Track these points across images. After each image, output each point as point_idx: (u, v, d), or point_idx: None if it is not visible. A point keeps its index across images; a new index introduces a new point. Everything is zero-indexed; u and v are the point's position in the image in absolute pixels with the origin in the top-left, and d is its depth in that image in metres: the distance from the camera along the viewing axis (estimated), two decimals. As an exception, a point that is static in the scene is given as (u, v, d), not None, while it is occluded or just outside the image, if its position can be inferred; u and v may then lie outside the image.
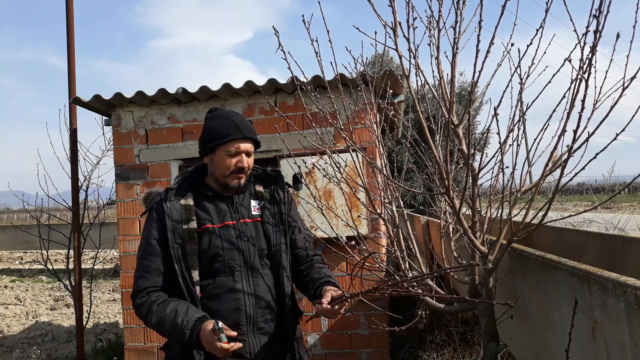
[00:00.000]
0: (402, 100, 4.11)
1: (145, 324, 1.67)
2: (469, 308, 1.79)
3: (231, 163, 1.70)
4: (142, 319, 1.68)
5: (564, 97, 1.36)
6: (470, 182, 1.52)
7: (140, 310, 1.68)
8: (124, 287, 4.10)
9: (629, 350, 0.98)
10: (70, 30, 4.69)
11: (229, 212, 1.75)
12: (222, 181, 1.73)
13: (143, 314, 1.66)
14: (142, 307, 1.67)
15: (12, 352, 5.45)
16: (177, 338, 1.59)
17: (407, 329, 2.20)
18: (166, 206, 1.69)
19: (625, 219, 6.35)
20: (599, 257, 2.30)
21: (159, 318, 1.61)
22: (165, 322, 1.59)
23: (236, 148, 1.70)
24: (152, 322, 1.63)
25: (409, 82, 1.52)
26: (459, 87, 11.44)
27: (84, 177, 5.02)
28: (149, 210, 1.75)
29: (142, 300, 1.68)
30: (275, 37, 1.76)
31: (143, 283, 1.69)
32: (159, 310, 1.62)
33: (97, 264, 6.02)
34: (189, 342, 1.55)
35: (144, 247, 1.73)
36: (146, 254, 1.71)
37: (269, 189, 1.85)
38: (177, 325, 1.56)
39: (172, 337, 1.64)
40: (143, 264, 1.71)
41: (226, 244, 1.70)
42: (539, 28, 1.39)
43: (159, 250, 1.69)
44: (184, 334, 1.55)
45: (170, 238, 1.66)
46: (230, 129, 1.70)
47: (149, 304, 1.66)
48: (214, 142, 1.70)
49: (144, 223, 1.76)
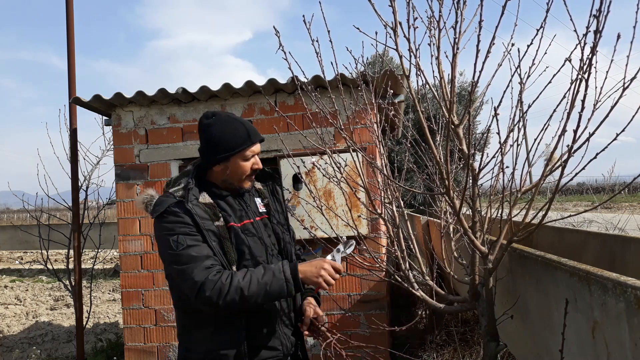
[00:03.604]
0: (402, 100, 4.11)
1: (229, 294, 1.51)
2: (469, 308, 1.79)
3: (247, 167, 1.72)
4: (224, 294, 1.51)
5: (564, 97, 1.36)
6: (470, 182, 1.52)
7: (219, 283, 1.52)
8: (124, 287, 4.10)
9: (629, 350, 0.98)
10: (70, 30, 4.70)
11: (245, 210, 1.78)
12: (238, 185, 1.75)
13: (225, 283, 1.52)
14: (220, 278, 1.53)
15: (12, 352, 5.45)
16: (276, 285, 1.54)
17: (407, 329, 2.20)
18: (189, 206, 1.61)
19: (625, 219, 6.36)
20: (599, 257, 2.30)
21: (246, 276, 1.54)
22: (258, 276, 1.54)
23: (252, 152, 1.72)
24: (239, 282, 1.52)
25: (409, 82, 1.52)
26: (459, 87, 11.44)
27: (84, 177, 5.03)
28: (165, 211, 1.62)
29: (217, 276, 1.53)
30: (276, 37, 1.75)
31: (208, 261, 1.56)
32: (243, 272, 1.56)
33: (97, 264, 6.01)
34: (292, 272, 1.56)
35: (184, 238, 1.57)
36: (193, 242, 1.57)
37: (267, 187, 1.92)
38: (273, 270, 1.56)
39: (269, 288, 1.54)
40: (194, 249, 1.56)
41: (250, 242, 1.72)
42: (539, 28, 1.39)
43: (202, 240, 1.60)
44: (284, 271, 1.56)
45: (207, 235, 1.60)
46: (244, 135, 1.70)
47: (227, 273, 1.55)
48: (230, 151, 1.69)
49: (163, 224, 1.62)
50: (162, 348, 4.04)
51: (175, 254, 1.56)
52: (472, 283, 1.70)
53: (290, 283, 1.55)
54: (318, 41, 1.75)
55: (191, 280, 1.52)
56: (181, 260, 1.55)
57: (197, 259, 1.54)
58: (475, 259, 1.69)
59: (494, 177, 1.74)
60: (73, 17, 4.73)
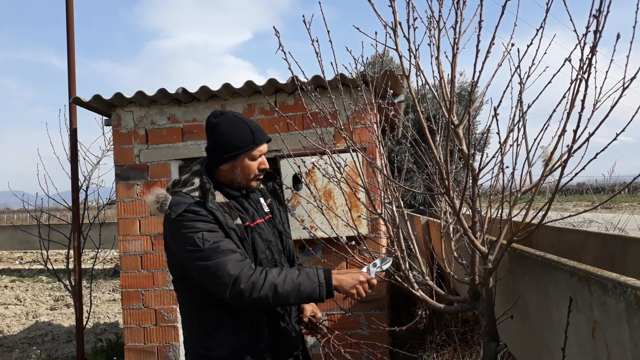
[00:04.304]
0: (402, 100, 4.11)
1: (263, 289, 1.51)
2: (469, 308, 1.79)
3: (255, 167, 1.74)
4: (259, 288, 1.51)
5: (564, 97, 1.36)
6: (470, 182, 1.52)
7: (255, 277, 1.51)
8: (124, 287, 4.09)
9: (629, 350, 0.98)
10: (70, 30, 4.70)
11: (255, 210, 1.79)
12: (245, 184, 1.76)
13: (260, 278, 1.52)
14: (254, 273, 1.52)
15: (12, 352, 5.45)
16: (309, 287, 1.55)
17: (407, 329, 2.20)
18: (211, 206, 1.60)
19: (625, 219, 6.36)
20: (599, 257, 2.31)
21: (282, 274, 1.55)
22: (292, 276, 1.55)
23: (259, 151, 1.74)
24: (274, 279, 1.52)
25: (409, 82, 1.51)
26: (459, 87, 11.44)
27: (84, 177, 5.03)
28: (186, 210, 1.59)
29: (252, 271, 1.53)
30: (276, 37, 1.75)
31: (239, 256, 1.56)
32: (278, 270, 1.57)
33: (97, 264, 6.02)
34: (326, 277, 1.57)
35: (209, 234, 1.56)
36: (219, 238, 1.57)
37: (267, 187, 1.95)
38: (307, 272, 1.57)
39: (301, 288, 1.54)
40: (223, 244, 1.55)
41: (263, 240, 1.74)
42: (539, 28, 1.39)
43: (226, 236, 1.59)
44: (318, 275, 1.56)
45: (230, 233, 1.60)
46: (251, 135, 1.71)
47: (261, 269, 1.55)
48: (238, 150, 1.69)
49: (184, 223, 1.58)
50: (162, 348, 4.04)
51: (202, 249, 1.54)
52: (472, 283, 1.70)
53: (323, 287, 1.56)
54: (318, 41, 1.75)
55: (226, 273, 1.50)
56: (210, 256, 1.53)
57: (227, 253, 1.53)
58: (475, 259, 1.69)
59: (494, 177, 1.74)
60: (73, 17, 4.73)
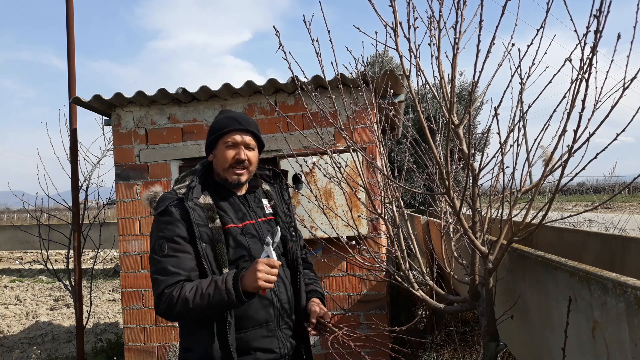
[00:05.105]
0: (402, 100, 4.11)
1: (177, 306, 1.54)
2: (469, 308, 1.79)
3: (229, 155, 1.72)
4: (173, 305, 1.54)
5: (564, 98, 1.36)
6: (470, 182, 1.52)
7: (170, 296, 1.55)
8: (124, 287, 4.10)
9: (629, 350, 0.98)
10: (70, 30, 4.70)
11: (247, 211, 1.77)
12: (223, 176, 1.74)
13: (175, 295, 1.54)
14: (172, 291, 1.55)
15: (12, 352, 5.45)
16: (218, 296, 1.52)
17: (407, 329, 2.20)
18: (188, 205, 1.62)
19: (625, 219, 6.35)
20: (599, 257, 2.31)
21: (193, 287, 1.54)
22: (203, 287, 1.54)
23: (232, 140, 1.72)
24: (185, 294, 1.53)
25: (409, 82, 1.51)
26: (459, 87, 11.44)
27: (84, 177, 5.04)
28: (163, 210, 1.64)
29: (171, 289, 1.56)
30: (276, 37, 1.76)
31: (174, 278, 1.58)
32: (192, 285, 1.57)
33: (97, 264, 6.02)
34: (234, 283, 1.52)
35: (167, 245, 1.61)
36: (172, 252, 1.61)
37: (274, 188, 1.92)
38: (216, 281, 1.54)
39: (210, 299, 1.53)
40: (170, 261, 1.60)
41: (250, 243, 1.72)
42: (539, 28, 1.39)
43: (188, 248, 1.62)
44: (226, 281, 1.53)
45: (198, 236, 1.61)
46: (229, 121, 1.75)
47: (179, 285, 1.57)
48: (213, 134, 1.75)
49: (158, 223, 1.65)
50: (162, 348, 4.04)
51: (155, 258, 1.62)
52: (472, 283, 1.70)
53: (232, 294, 1.51)
54: (318, 41, 1.75)
55: (155, 291, 1.59)
56: (156, 268, 1.61)
57: (167, 272, 1.58)
58: (475, 259, 1.69)
59: (494, 177, 1.74)
60: (73, 18, 4.73)
